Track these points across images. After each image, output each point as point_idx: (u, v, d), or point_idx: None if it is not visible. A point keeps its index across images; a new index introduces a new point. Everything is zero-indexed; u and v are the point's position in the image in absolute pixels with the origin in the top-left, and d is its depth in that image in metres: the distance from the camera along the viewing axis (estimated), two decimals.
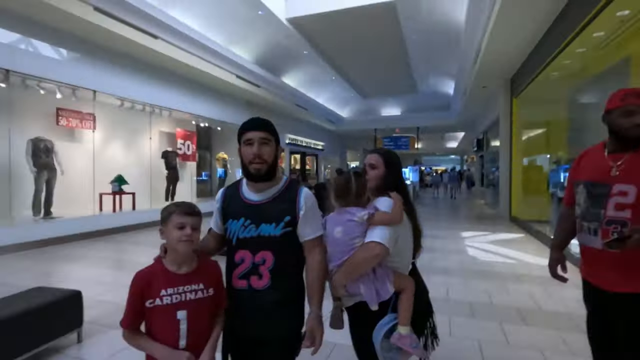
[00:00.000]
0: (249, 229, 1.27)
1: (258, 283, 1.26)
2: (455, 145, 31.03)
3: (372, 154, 1.51)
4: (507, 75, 8.83)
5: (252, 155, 1.25)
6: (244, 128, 1.30)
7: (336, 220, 1.33)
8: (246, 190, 1.33)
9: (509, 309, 3.23)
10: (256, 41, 9.55)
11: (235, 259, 1.29)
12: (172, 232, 1.16)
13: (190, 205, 1.22)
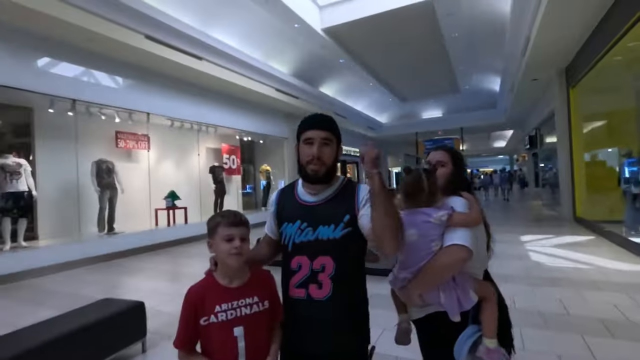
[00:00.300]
0: (305, 233, 1.19)
1: (318, 293, 1.16)
2: (503, 144, 29.35)
3: (438, 151, 1.39)
4: (562, 64, 8.17)
5: (310, 156, 1.18)
6: (305, 126, 1.22)
7: (408, 221, 1.20)
8: (302, 192, 1.26)
9: (589, 319, 2.88)
10: (293, 54, 9.74)
11: (291, 266, 1.20)
12: (220, 244, 1.12)
13: (236, 214, 1.16)
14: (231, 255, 1.10)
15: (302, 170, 1.22)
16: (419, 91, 15.65)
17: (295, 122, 12.07)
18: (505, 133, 23.75)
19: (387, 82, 14.23)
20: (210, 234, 1.15)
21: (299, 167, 1.23)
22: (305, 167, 1.20)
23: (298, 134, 1.24)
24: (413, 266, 1.19)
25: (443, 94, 16.14)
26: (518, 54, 8.21)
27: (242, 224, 1.14)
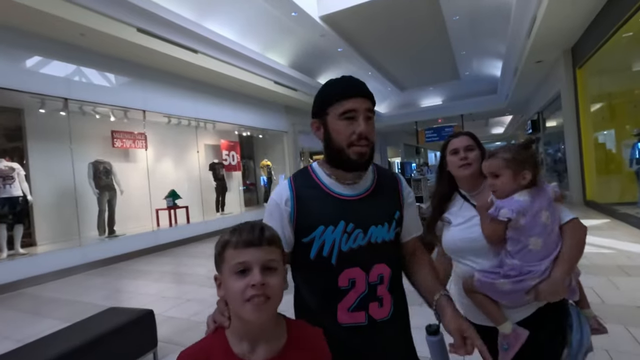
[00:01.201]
0: (354, 236, 0.89)
1: (380, 312, 0.90)
2: (501, 131, 29.18)
3: (462, 137, 1.25)
4: (568, 44, 7.95)
5: (356, 135, 0.87)
6: (340, 93, 0.89)
7: (539, 204, 1.05)
8: (331, 182, 0.93)
9: (628, 308, 2.72)
10: (291, 44, 9.46)
11: (339, 284, 0.88)
12: (229, 281, 0.67)
13: (254, 226, 0.70)
14: (248, 302, 0.64)
15: (339, 154, 0.89)
16: (418, 79, 15.39)
17: (294, 115, 11.86)
18: (503, 119, 23.58)
19: (386, 71, 13.96)
20: (217, 263, 0.71)
21: (332, 150, 0.90)
22: (346, 150, 0.88)
23: (325, 105, 0.90)
24: (552, 252, 1.04)
25: (443, 82, 15.89)
26: (522, 36, 7.97)
27: (267, 241, 0.68)
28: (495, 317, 1.09)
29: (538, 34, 7.06)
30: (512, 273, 1.05)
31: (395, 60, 12.71)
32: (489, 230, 1.10)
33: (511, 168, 1.07)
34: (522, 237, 1.04)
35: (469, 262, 1.18)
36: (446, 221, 1.25)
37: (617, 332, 2.38)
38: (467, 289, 1.15)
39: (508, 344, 1.06)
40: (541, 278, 1.03)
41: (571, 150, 8.55)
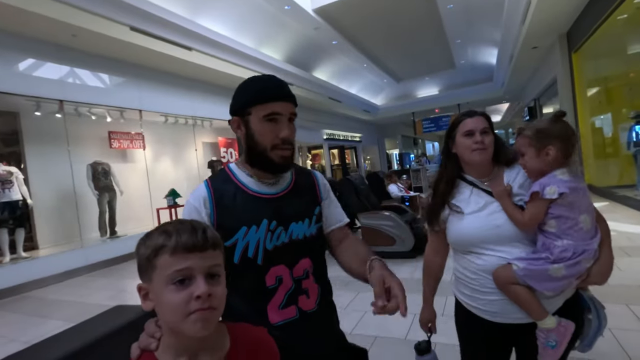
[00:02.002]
0: (277, 234, 0.89)
1: (308, 303, 0.92)
2: (499, 119, 29.15)
3: (477, 117, 1.12)
4: (563, 29, 7.92)
5: (280, 139, 0.88)
6: (267, 95, 0.87)
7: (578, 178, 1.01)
8: (251, 181, 0.92)
9: (631, 288, 2.74)
10: (285, 39, 9.40)
11: (266, 284, 0.88)
12: (165, 293, 0.57)
13: (196, 226, 0.61)
14: (194, 315, 0.56)
15: (261, 156, 0.89)
16: (414, 70, 15.33)
17: None
18: (500, 107, 23.56)
19: (382, 62, 13.90)
20: (143, 270, 0.61)
21: (254, 151, 0.90)
22: (269, 153, 0.89)
23: (248, 105, 0.88)
24: (597, 231, 1.01)
25: (438, 71, 15.83)
26: (517, 22, 7.93)
27: (212, 245, 0.60)
28: (538, 311, 1.00)
29: (533, 19, 7.03)
30: (567, 255, 0.96)
31: (390, 51, 12.65)
32: (531, 214, 1.00)
33: (533, 145, 1.02)
34: (572, 214, 0.97)
35: (495, 252, 1.06)
36: (456, 210, 1.13)
37: (620, 311, 2.40)
38: (504, 282, 1.02)
39: (556, 340, 0.99)
40: (594, 259, 0.99)
41: None
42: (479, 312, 1.11)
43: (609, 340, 2.08)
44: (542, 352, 1.01)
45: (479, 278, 1.09)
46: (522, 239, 1.04)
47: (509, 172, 1.14)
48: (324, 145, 15.00)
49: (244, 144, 0.93)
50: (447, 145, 1.20)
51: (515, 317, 1.04)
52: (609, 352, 1.97)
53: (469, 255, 1.12)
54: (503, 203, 1.06)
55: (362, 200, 4.89)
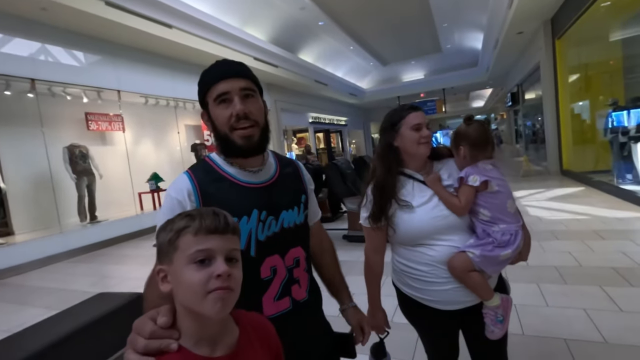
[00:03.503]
0: (268, 224, 0.87)
1: (300, 293, 0.93)
2: (482, 104, 29.52)
3: (420, 112, 1.16)
4: (548, 15, 7.96)
5: (234, 117, 0.83)
6: (214, 77, 0.85)
7: (499, 170, 1.14)
8: (236, 171, 0.88)
9: (603, 269, 2.87)
10: (271, 18, 9.12)
11: (261, 276, 0.86)
12: (186, 273, 0.57)
13: (218, 212, 0.63)
14: (213, 295, 0.56)
15: (226, 141, 0.86)
16: (400, 53, 15.22)
17: (276, 92, 11.60)
18: (483, 93, 23.83)
19: (368, 45, 13.72)
20: (163, 252, 0.61)
21: (219, 139, 0.87)
22: (230, 136, 0.85)
23: (204, 94, 0.87)
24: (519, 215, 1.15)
25: (425, 55, 15.79)
26: (504, 7, 7.92)
27: (232, 229, 0.62)
28: (488, 292, 1.09)
29: (519, 4, 7.03)
30: (507, 237, 1.06)
31: (376, 33, 12.49)
32: (464, 199, 1.09)
33: (452, 144, 1.18)
34: (499, 200, 1.09)
35: (445, 242, 1.10)
36: (404, 204, 1.13)
37: (594, 292, 2.52)
38: (462, 270, 1.07)
39: (502, 315, 1.08)
40: (522, 239, 1.11)
41: (549, 121, 8.75)
42: (430, 302, 1.14)
43: (583, 320, 2.18)
44: (493, 328, 1.09)
45: (432, 269, 1.11)
46: (465, 226, 1.12)
47: (437, 164, 1.22)
48: (310, 129, 14.88)
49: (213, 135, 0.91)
50: (389, 139, 1.17)
51: (466, 300, 1.11)
52: (583, 331, 2.07)
53: (420, 247, 1.13)
54: (437, 189, 1.12)
55: (349, 185, 4.90)
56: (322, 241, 1.12)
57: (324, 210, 6.32)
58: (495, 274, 1.13)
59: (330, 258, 1.13)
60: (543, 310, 2.36)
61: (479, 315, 1.10)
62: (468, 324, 1.17)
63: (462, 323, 1.19)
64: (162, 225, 0.64)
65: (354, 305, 1.09)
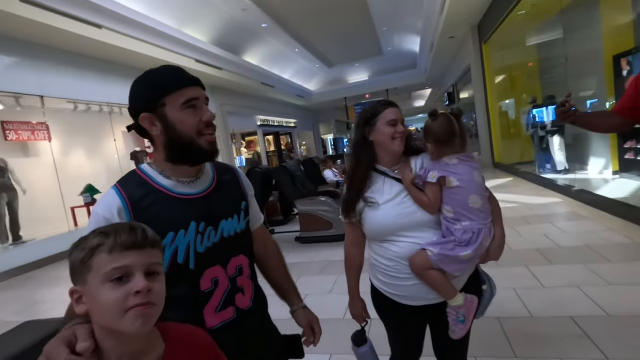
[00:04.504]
0: (207, 235, 0.86)
1: (244, 301, 0.92)
2: (423, 103, 31.24)
3: (396, 108, 1.17)
4: (475, 21, 8.68)
5: (203, 123, 0.84)
6: (180, 82, 0.84)
7: (468, 164, 1.10)
8: (171, 183, 0.85)
9: (529, 252, 3.20)
10: (211, 20, 8.85)
11: (202, 289, 0.84)
12: (102, 291, 0.54)
13: (135, 226, 0.61)
14: (132, 312, 0.54)
15: (189, 146, 0.84)
16: (344, 55, 15.60)
17: (221, 95, 11.29)
18: (424, 92, 25.21)
19: (313, 47, 13.89)
20: (77, 273, 0.58)
21: (179, 144, 0.84)
22: (196, 140, 0.84)
23: (160, 96, 0.83)
24: (489, 212, 1.11)
25: (368, 57, 16.33)
26: (436, 12, 8.48)
27: (151, 243, 0.60)
28: (450, 292, 1.08)
29: (449, 10, 7.57)
30: (468, 236, 1.04)
31: (320, 36, 12.67)
32: (431, 196, 1.08)
33: (425, 140, 1.17)
34: (461, 197, 1.06)
35: (409, 239, 1.11)
36: (371, 202, 1.15)
37: (522, 272, 2.79)
38: (421, 268, 1.08)
39: (464, 315, 1.08)
40: (491, 238, 1.09)
41: (481, 118, 9.52)
42: (396, 297, 1.17)
43: (512, 298, 2.41)
44: (454, 328, 1.10)
45: (396, 265, 1.13)
46: (433, 223, 1.11)
47: (414, 161, 1.21)
48: (259, 132, 14.68)
49: (162, 141, 0.85)
50: (363, 134, 1.18)
51: (429, 298, 1.12)
52: (512, 308, 2.29)
53: (386, 243, 1.15)
54: (408, 188, 1.12)
55: (299, 187, 4.93)
56: (267, 245, 1.12)
57: (276, 213, 6.29)
58: (461, 274, 1.10)
59: (277, 261, 1.14)
60: None
61: (445, 313, 1.11)
62: (435, 320, 1.19)
63: (429, 319, 1.22)
64: (75, 243, 0.60)
65: (304, 306, 1.11)
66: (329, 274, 3.36)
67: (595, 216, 3.90)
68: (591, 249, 3.02)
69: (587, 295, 2.31)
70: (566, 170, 6.16)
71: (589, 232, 3.45)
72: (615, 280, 2.45)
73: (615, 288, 2.36)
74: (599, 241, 3.19)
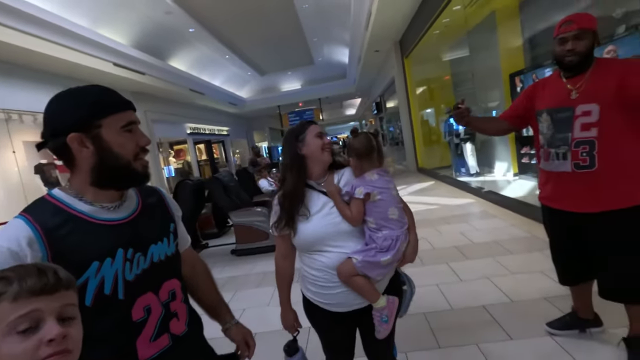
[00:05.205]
0: (136, 261, 0.82)
1: (179, 327, 0.89)
2: (354, 112, 32.66)
3: (317, 125, 1.30)
4: (396, 37, 9.38)
5: (138, 147, 0.84)
6: (119, 104, 0.83)
7: (385, 179, 1.23)
8: (93, 210, 0.80)
9: (448, 249, 3.53)
10: (131, 21, 8.24)
11: (133, 319, 0.80)
12: (6, 345, 0.49)
13: (44, 268, 0.55)
14: None
15: (124, 170, 0.82)
16: (276, 63, 15.66)
17: (145, 102, 10.58)
18: (354, 102, 26.44)
19: (244, 55, 13.70)
20: None
21: (112, 168, 0.81)
22: (132, 164, 0.83)
23: (97, 116, 0.79)
24: (405, 220, 1.24)
25: (299, 66, 16.60)
26: (362, 27, 8.99)
27: (65, 284, 0.55)
28: (374, 295, 1.18)
29: (374, 26, 8.08)
30: (388, 242, 1.16)
31: (251, 44, 12.57)
32: (355, 210, 1.17)
33: (348, 156, 1.30)
34: (382, 209, 1.18)
35: (336, 249, 1.19)
36: (303, 214, 1.21)
37: (443, 269, 3.08)
38: (347, 275, 1.16)
39: (387, 315, 1.18)
40: (406, 243, 1.22)
41: (405, 127, 10.28)
42: (326, 305, 1.24)
43: (435, 293, 2.65)
44: (379, 328, 1.20)
45: (324, 275, 1.20)
46: (357, 232, 1.21)
47: (337, 175, 1.31)
48: (189, 140, 13.97)
49: (90, 163, 0.80)
50: (295, 148, 1.25)
51: (356, 303, 1.21)
52: (435, 303, 2.51)
53: (314, 254, 1.22)
54: (335, 201, 1.21)
55: (233, 198, 4.80)
56: (195, 266, 1.11)
57: (210, 226, 6.04)
58: (382, 277, 1.20)
59: (206, 281, 1.13)
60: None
61: (371, 315, 1.20)
62: (363, 323, 1.27)
63: (358, 323, 1.30)
64: None
65: (237, 322, 1.11)
66: (266, 285, 3.34)
67: (502, 214, 4.46)
68: (498, 244, 3.45)
69: (496, 284, 2.63)
70: (477, 173, 6.94)
71: (497, 229, 3.93)
72: (517, 269, 2.83)
73: (517, 276, 2.72)
74: (504, 236, 3.65)
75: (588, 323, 1.88)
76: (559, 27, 1.49)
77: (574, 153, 1.50)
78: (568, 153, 1.52)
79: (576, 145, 1.49)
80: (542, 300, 2.31)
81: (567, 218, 1.62)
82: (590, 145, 1.46)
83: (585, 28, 1.43)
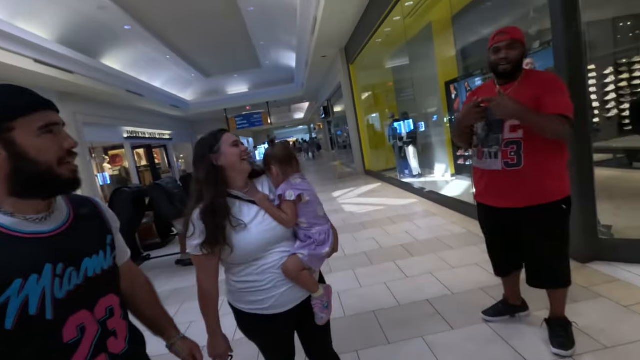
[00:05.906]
0: (68, 277, 0.74)
1: (117, 344, 0.83)
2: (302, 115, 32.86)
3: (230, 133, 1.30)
4: (342, 44, 9.62)
5: (64, 151, 0.76)
6: (35, 104, 0.74)
7: (307, 181, 1.33)
8: (15, 222, 0.72)
9: (395, 247, 3.68)
10: (56, 14, 7.49)
11: (64, 340, 0.72)
12: None
13: None
14: None
15: (46, 176, 0.74)
16: (222, 66, 15.23)
17: (74, 103, 9.72)
18: (302, 106, 26.59)
19: (187, 56, 13.14)
20: None
21: (33, 174, 0.73)
22: (56, 169, 0.75)
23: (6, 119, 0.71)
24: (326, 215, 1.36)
25: (246, 69, 16.33)
26: (308, 33, 9.09)
27: None
28: (315, 286, 1.28)
29: (319, 32, 8.22)
30: (323, 236, 1.28)
31: (195, 45, 12.12)
32: (290, 212, 1.24)
33: (264, 165, 1.35)
34: (312, 208, 1.29)
35: (278, 251, 1.23)
36: (239, 224, 1.18)
37: (390, 267, 3.20)
38: (296, 270, 1.21)
39: (327, 301, 1.31)
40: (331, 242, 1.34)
41: (352, 130, 10.57)
42: (264, 310, 1.22)
43: (384, 291, 2.75)
44: (322, 315, 1.28)
45: (268, 276, 1.21)
46: (289, 234, 1.28)
47: (257, 182, 1.34)
48: (126, 145, 13.02)
49: (4, 171, 0.71)
50: (210, 160, 1.20)
51: (297, 298, 1.26)
52: (384, 300, 2.60)
53: (255, 261, 1.21)
54: (266, 207, 1.23)
55: (177, 206, 4.56)
56: (134, 280, 1.04)
57: (152, 235, 5.67)
58: (319, 267, 1.34)
59: (146, 295, 1.06)
60: (358, 291, 2.85)
61: (309, 307, 1.29)
62: (301, 317, 1.31)
63: (296, 321, 1.33)
64: None
65: (182, 337, 1.07)
66: None
67: (442, 212, 4.76)
68: (439, 240, 3.68)
69: (438, 279, 2.80)
70: (419, 174, 7.34)
71: (438, 226, 4.19)
72: (456, 263, 3.04)
73: (457, 270, 2.92)
74: (444, 233, 3.90)
75: (517, 308, 2.08)
76: (493, 38, 1.64)
77: (504, 152, 1.66)
78: (499, 152, 1.67)
79: (506, 145, 1.65)
80: (478, 291, 2.50)
81: (499, 214, 1.78)
82: (517, 145, 1.63)
83: (517, 39, 1.60)
